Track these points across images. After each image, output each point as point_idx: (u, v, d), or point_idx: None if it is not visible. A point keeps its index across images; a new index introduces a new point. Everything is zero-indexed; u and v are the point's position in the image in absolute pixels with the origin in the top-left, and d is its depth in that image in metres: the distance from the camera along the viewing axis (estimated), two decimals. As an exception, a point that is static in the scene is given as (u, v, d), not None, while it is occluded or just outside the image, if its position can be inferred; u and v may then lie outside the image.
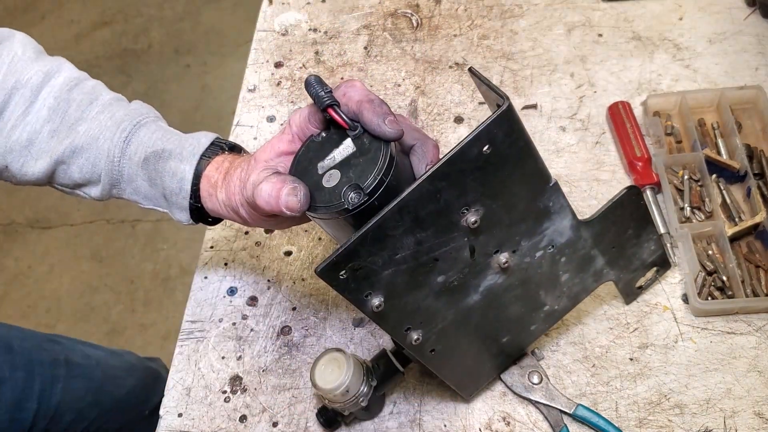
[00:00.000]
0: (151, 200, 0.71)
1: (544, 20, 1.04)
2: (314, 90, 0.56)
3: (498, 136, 0.52)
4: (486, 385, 0.72)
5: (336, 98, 0.57)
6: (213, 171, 0.66)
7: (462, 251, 0.57)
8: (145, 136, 0.70)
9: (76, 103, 0.71)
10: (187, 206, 0.68)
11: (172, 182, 0.67)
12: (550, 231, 0.61)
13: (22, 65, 0.71)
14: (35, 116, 0.70)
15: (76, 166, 0.70)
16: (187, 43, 2.67)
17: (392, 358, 0.69)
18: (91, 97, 0.72)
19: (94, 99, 0.72)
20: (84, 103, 0.71)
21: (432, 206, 0.53)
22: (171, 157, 0.67)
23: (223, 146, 0.69)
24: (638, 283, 0.74)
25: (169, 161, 0.67)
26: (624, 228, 0.66)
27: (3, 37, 0.73)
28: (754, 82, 0.92)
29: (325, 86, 0.56)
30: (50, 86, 0.71)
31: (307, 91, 0.57)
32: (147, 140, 0.69)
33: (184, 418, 0.75)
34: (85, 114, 0.71)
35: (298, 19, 1.11)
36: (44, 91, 0.71)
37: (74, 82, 0.72)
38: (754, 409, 0.69)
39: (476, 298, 0.61)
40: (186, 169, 0.67)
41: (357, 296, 0.54)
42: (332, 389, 0.64)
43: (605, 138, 0.90)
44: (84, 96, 0.72)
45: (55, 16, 2.82)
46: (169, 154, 0.68)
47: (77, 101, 0.71)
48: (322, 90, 0.56)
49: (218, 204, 0.66)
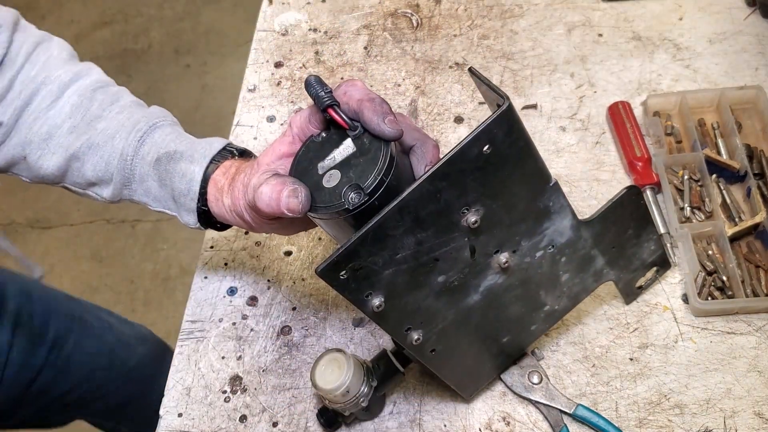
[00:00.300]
0: (160, 202, 0.71)
1: (544, 20, 1.04)
2: (314, 90, 0.56)
3: (498, 135, 0.52)
4: (486, 385, 0.72)
5: (336, 97, 0.56)
6: (220, 176, 0.66)
7: (462, 251, 0.57)
8: (159, 138, 0.70)
9: (98, 102, 0.73)
10: (194, 208, 0.68)
11: (181, 183, 0.67)
12: (550, 231, 0.61)
13: (55, 64, 0.74)
14: (58, 111, 0.72)
15: (90, 164, 0.71)
16: (187, 43, 2.68)
17: (392, 359, 0.69)
18: (113, 99, 0.74)
19: (116, 101, 0.74)
20: (105, 103, 0.73)
21: (432, 206, 0.53)
22: (182, 159, 0.68)
23: (234, 152, 0.69)
24: (638, 283, 0.74)
25: (180, 162, 0.68)
26: (624, 228, 0.66)
27: (43, 38, 0.76)
28: (754, 82, 0.92)
29: (325, 86, 0.56)
30: (77, 85, 0.73)
31: (307, 91, 0.56)
32: (161, 141, 0.70)
33: (184, 417, 0.75)
34: (105, 113, 0.72)
35: (298, 19, 1.11)
36: (70, 89, 0.73)
37: (100, 85, 0.74)
38: (754, 409, 0.69)
39: (476, 298, 0.61)
40: (195, 171, 0.67)
41: (357, 296, 0.54)
42: (333, 390, 0.64)
43: (605, 138, 0.90)
44: (107, 97, 0.74)
45: (55, 16, 2.83)
46: (181, 155, 0.68)
47: (99, 101, 0.73)
48: (322, 90, 0.56)
49: (224, 209, 0.66)
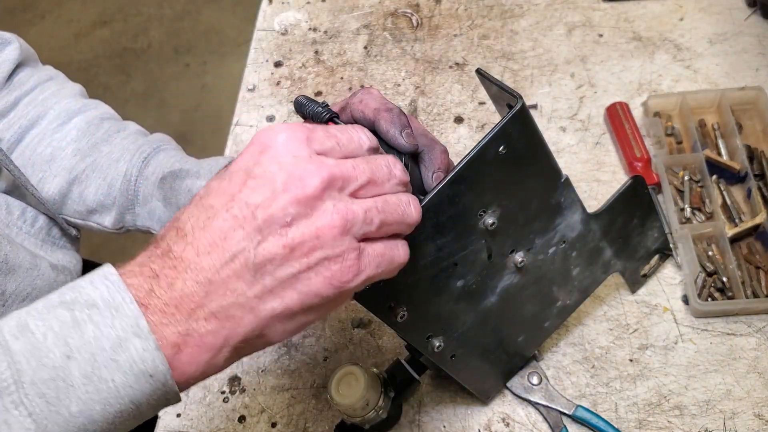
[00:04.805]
0: (165, 223, 0.69)
1: (544, 20, 1.04)
2: (309, 108, 0.52)
3: (513, 135, 0.53)
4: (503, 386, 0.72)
5: (352, 105, 0.53)
6: None
7: (480, 254, 0.57)
8: (163, 159, 0.71)
9: (105, 129, 0.73)
10: None
11: (188, 199, 0.65)
12: (562, 226, 0.62)
13: (65, 94, 0.75)
14: (64, 135, 0.72)
15: (92, 187, 0.71)
16: (186, 42, 2.67)
17: (407, 367, 0.69)
18: (120, 127, 0.74)
19: (122, 129, 0.74)
20: (112, 131, 0.73)
21: (451, 210, 0.53)
22: (188, 176, 0.67)
23: None
24: (642, 271, 0.75)
25: (185, 179, 0.67)
26: (630, 218, 0.68)
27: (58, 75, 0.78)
28: (755, 82, 0.92)
29: (317, 102, 0.53)
30: (85, 114, 0.74)
31: (300, 111, 0.52)
32: (165, 162, 0.70)
33: (182, 418, 0.74)
34: (110, 138, 0.73)
35: (298, 19, 1.10)
36: (78, 117, 0.73)
37: (108, 116, 0.75)
38: (753, 411, 0.69)
39: (494, 300, 0.62)
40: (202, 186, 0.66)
41: (380, 308, 0.54)
42: (353, 404, 0.63)
43: (605, 138, 0.90)
44: (114, 125, 0.74)
45: (55, 15, 2.82)
46: (186, 172, 0.68)
47: (106, 128, 0.73)
48: (317, 106, 0.52)
49: None
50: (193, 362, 0.39)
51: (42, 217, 0.70)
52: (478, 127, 0.94)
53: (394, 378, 0.69)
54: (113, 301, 0.37)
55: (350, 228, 0.40)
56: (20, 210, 0.68)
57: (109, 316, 0.37)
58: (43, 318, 0.37)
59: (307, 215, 0.39)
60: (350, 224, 0.40)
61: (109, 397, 0.37)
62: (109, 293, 0.38)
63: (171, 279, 0.39)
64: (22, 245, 0.65)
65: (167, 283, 0.38)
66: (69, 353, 0.36)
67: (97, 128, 0.73)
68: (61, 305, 0.38)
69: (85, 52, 2.67)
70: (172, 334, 0.38)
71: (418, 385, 0.71)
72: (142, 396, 0.38)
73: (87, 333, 0.37)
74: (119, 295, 0.38)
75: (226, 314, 0.39)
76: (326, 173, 0.40)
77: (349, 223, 0.40)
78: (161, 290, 0.38)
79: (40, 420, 0.35)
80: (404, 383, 0.69)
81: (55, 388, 0.36)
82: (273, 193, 0.39)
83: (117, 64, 2.62)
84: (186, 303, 0.38)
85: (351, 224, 0.40)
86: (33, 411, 0.35)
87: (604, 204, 0.65)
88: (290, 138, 0.41)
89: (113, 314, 0.37)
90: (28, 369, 0.36)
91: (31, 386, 0.35)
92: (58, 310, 0.37)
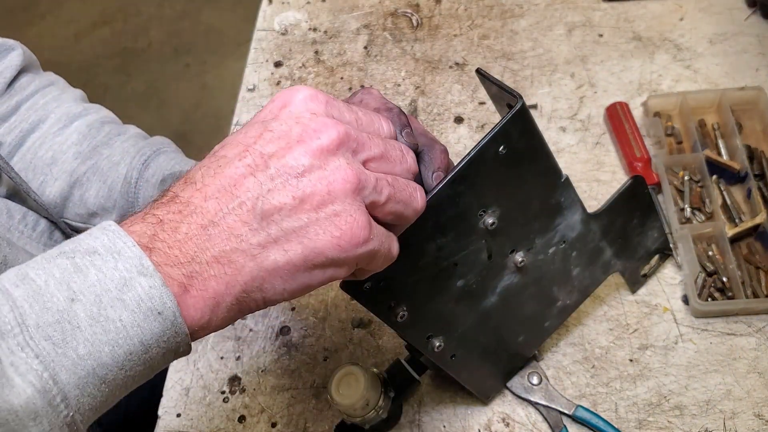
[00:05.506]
0: None
1: (544, 20, 1.04)
2: None
3: (513, 135, 0.53)
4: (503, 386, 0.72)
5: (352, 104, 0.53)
6: None
7: (480, 254, 0.57)
8: (164, 161, 0.71)
9: (106, 132, 0.73)
10: None
11: None
12: (562, 226, 0.62)
13: (66, 98, 0.75)
14: (65, 138, 0.72)
15: (93, 190, 0.71)
16: (186, 42, 2.67)
17: (407, 367, 0.69)
18: (121, 131, 0.74)
19: (123, 132, 0.74)
20: (113, 134, 0.73)
21: (451, 210, 0.53)
22: None
23: None
24: (642, 271, 0.75)
25: None
26: (630, 217, 0.68)
27: (58, 80, 0.77)
28: (755, 83, 0.92)
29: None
30: (86, 118, 0.74)
31: None
32: (165, 164, 0.70)
33: (182, 418, 0.74)
34: (110, 141, 0.73)
35: (298, 19, 1.10)
36: (79, 120, 0.73)
37: (108, 119, 0.75)
38: (754, 411, 0.69)
39: (494, 300, 0.62)
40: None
41: (380, 307, 0.54)
42: (352, 404, 0.63)
43: (605, 138, 0.90)
44: (114, 128, 0.74)
45: (55, 15, 2.82)
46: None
47: (107, 131, 0.73)
48: None
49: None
50: (198, 307, 0.38)
51: (43, 221, 0.70)
52: (478, 127, 0.94)
53: (394, 378, 0.69)
54: (114, 247, 0.37)
55: (361, 189, 0.40)
56: (21, 214, 0.68)
57: (111, 260, 0.36)
58: (43, 267, 0.36)
59: (321, 167, 0.39)
60: (362, 184, 0.40)
61: (117, 338, 0.36)
62: (110, 240, 0.37)
63: (176, 223, 0.38)
64: (23, 249, 0.65)
65: (172, 227, 0.38)
66: (73, 296, 0.35)
67: (98, 132, 0.73)
68: (60, 255, 0.37)
69: (85, 52, 2.67)
70: (177, 275, 0.37)
71: (418, 385, 0.71)
72: (151, 337, 0.37)
73: (90, 276, 0.36)
74: (120, 241, 0.37)
75: (228, 259, 0.38)
76: (342, 130, 0.40)
77: (362, 183, 0.40)
78: (165, 234, 0.38)
79: (47, 362, 0.34)
80: (404, 383, 0.69)
81: (61, 331, 0.35)
82: (288, 144, 0.39)
83: (117, 64, 2.62)
84: (189, 246, 0.38)
85: (363, 185, 0.40)
86: (39, 353, 0.34)
87: (604, 204, 0.65)
88: (310, 96, 0.41)
89: (115, 258, 0.36)
90: (32, 313, 0.35)
91: (36, 329, 0.35)
92: (58, 260, 0.37)
